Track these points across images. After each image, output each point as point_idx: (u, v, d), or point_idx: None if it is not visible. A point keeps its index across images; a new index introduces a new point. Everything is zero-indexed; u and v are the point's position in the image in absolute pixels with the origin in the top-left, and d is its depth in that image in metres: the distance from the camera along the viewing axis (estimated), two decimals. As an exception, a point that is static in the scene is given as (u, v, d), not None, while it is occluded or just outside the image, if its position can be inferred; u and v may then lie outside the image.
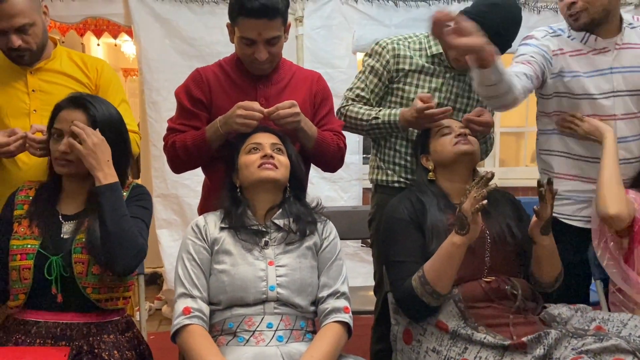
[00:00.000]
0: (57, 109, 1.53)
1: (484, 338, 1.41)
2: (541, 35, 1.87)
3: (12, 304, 1.48)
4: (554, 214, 1.54)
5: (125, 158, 1.58)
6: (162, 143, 1.77)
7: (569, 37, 1.85)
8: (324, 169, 1.86)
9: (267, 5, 1.54)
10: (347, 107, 1.90)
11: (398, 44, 1.90)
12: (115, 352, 1.45)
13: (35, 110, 1.79)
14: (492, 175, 1.43)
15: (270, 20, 1.57)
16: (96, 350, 1.43)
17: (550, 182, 1.51)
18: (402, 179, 1.97)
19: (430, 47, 1.89)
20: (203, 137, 1.65)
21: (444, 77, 1.90)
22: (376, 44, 1.93)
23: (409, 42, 1.91)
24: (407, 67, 1.88)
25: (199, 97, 1.70)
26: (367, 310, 2.29)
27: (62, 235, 1.50)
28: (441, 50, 1.85)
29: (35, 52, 1.77)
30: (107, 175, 1.45)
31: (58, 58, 1.85)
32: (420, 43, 1.90)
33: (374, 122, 1.86)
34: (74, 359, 1.40)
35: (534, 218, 1.55)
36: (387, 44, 1.90)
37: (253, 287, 1.44)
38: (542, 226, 1.54)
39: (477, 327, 1.46)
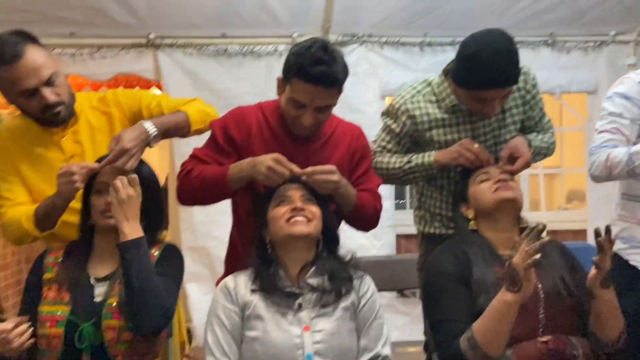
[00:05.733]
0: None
1: (545, 406, 1.28)
2: (634, 84, 1.76)
3: (38, 375, 1.43)
4: (633, 263, 1.41)
5: (159, 217, 1.58)
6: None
7: None
8: (357, 229, 1.78)
9: (327, 74, 1.48)
10: (375, 160, 1.84)
11: (412, 102, 1.81)
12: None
13: None
14: (544, 227, 1.34)
15: (327, 89, 1.51)
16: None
17: (608, 231, 1.40)
18: (450, 232, 1.86)
19: (444, 98, 1.80)
20: (224, 174, 1.57)
21: (470, 123, 1.81)
22: (390, 104, 1.87)
23: (423, 95, 1.83)
24: (426, 126, 1.81)
25: (235, 137, 1.64)
26: (408, 370, 2.15)
27: (94, 299, 1.46)
28: (455, 102, 1.78)
29: (68, 105, 1.66)
30: (132, 229, 1.43)
31: (83, 113, 1.74)
32: (435, 94, 1.82)
33: (407, 167, 1.80)
34: None
35: (592, 270, 1.44)
36: (400, 105, 1.83)
37: (288, 356, 1.36)
38: (603, 279, 1.42)
39: (537, 394, 1.33)
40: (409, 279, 2.18)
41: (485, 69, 1.59)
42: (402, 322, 3.23)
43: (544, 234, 1.34)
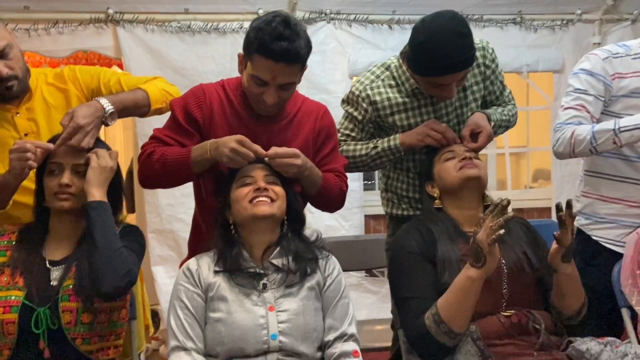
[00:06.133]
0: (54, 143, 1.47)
1: (508, 380, 1.29)
2: (599, 61, 1.76)
3: (-7, 361, 1.39)
4: (594, 238, 1.42)
5: (117, 199, 1.54)
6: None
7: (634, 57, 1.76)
8: (322, 210, 1.75)
9: (289, 50, 1.42)
10: (340, 149, 1.81)
11: (372, 88, 1.78)
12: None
13: None
14: (508, 202, 1.34)
15: (289, 65, 1.45)
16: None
17: (569, 206, 1.41)
18: (418, 213, 1.85)
19: (403, 82, 1.77)
20: (187, 156, 1.51)
21: (432, 105, 1.79)
22: (350, 92, 1.83)
23: (383, 80, 1.79)
24: (387, 111, 1.78)
25: (196, 117, 1.57)
26: (376, 347, 2.16)
27: (51, 283, 1.42)
28: (416, 85, 1.75)
29: (22, 80, 1.60)
30: (101, 194, 1.44)
31: (38, 89, 1.68)
32: (394, 77, 1.79)
33: (373, 152, 1.78)
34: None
35: (554, 245, 1.45)
36: (360, 91, 1.79)
37: (253, 336, 1.33)
38: (564, 253, 1.44)
39: (500, 368, 1.35)
40: (377, 259, 2.18)
41: (437, 57, 1.55)
42: (370, 300, 3.25)
43: (508, 210, 1.34)
